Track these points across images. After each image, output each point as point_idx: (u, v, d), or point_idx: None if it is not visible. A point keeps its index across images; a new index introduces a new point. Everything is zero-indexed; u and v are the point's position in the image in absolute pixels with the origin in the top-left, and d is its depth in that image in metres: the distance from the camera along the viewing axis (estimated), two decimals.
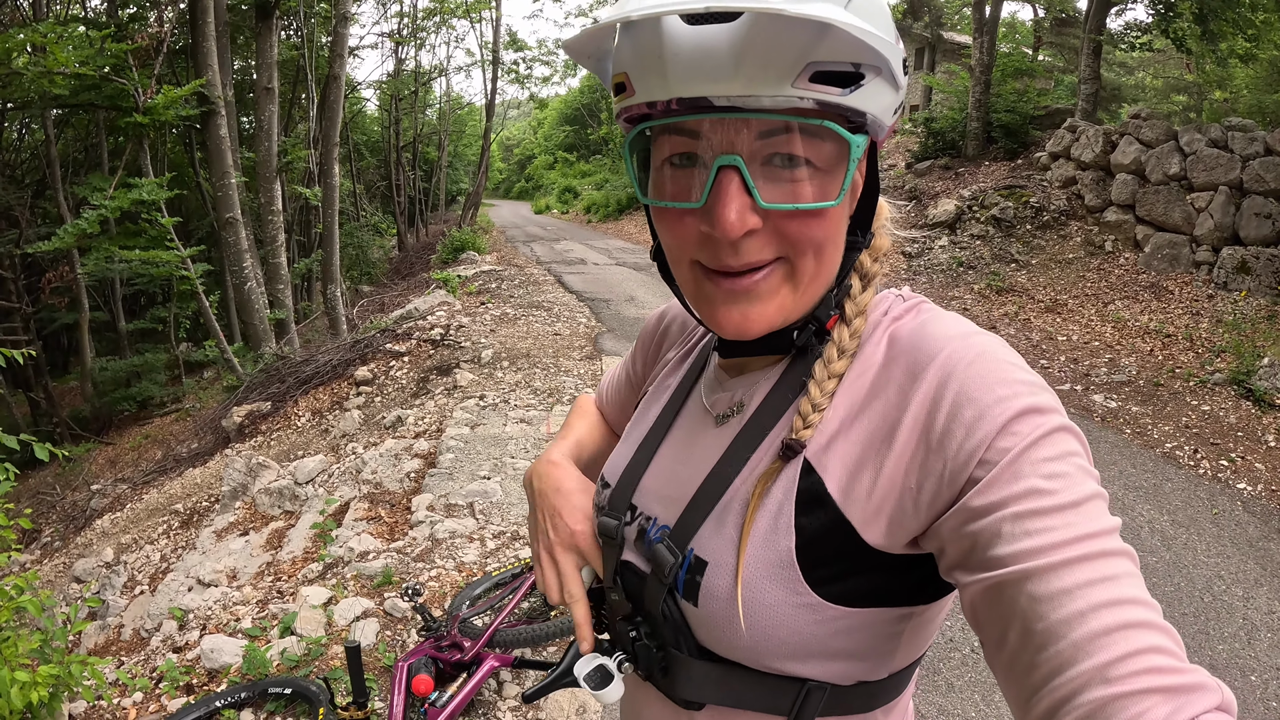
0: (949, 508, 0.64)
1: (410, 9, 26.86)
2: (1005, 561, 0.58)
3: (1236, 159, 8.92)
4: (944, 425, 0.65)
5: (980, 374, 0.65)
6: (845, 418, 0.73)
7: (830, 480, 0.71)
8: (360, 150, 27.86)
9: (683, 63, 0.63)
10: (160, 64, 11.79)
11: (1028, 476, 0.60)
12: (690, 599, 0.76)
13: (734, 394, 0.84)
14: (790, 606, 0.70)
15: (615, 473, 0.93)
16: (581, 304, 11.25)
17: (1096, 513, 0.59)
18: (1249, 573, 4.24)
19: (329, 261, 13.05)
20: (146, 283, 17.18)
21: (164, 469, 9.06)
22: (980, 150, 13.50)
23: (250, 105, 16.42)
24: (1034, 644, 0.55)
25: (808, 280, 0.72)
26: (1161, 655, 0.53)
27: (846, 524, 0.69)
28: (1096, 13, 12.57)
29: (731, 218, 0.66)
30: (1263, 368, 6.72)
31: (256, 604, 3.92)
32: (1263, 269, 8.13)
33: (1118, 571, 0.56)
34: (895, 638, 0.74)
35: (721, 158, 0.66)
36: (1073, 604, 0.54)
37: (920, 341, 0.71)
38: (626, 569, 0.86)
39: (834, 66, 0.63)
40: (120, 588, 5.37)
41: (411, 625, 3.32)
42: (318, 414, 8.07)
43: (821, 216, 0.69)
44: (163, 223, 10.28)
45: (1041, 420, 0.62)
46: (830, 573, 0.70)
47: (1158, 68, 20.80)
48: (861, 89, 0.64)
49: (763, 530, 0.72)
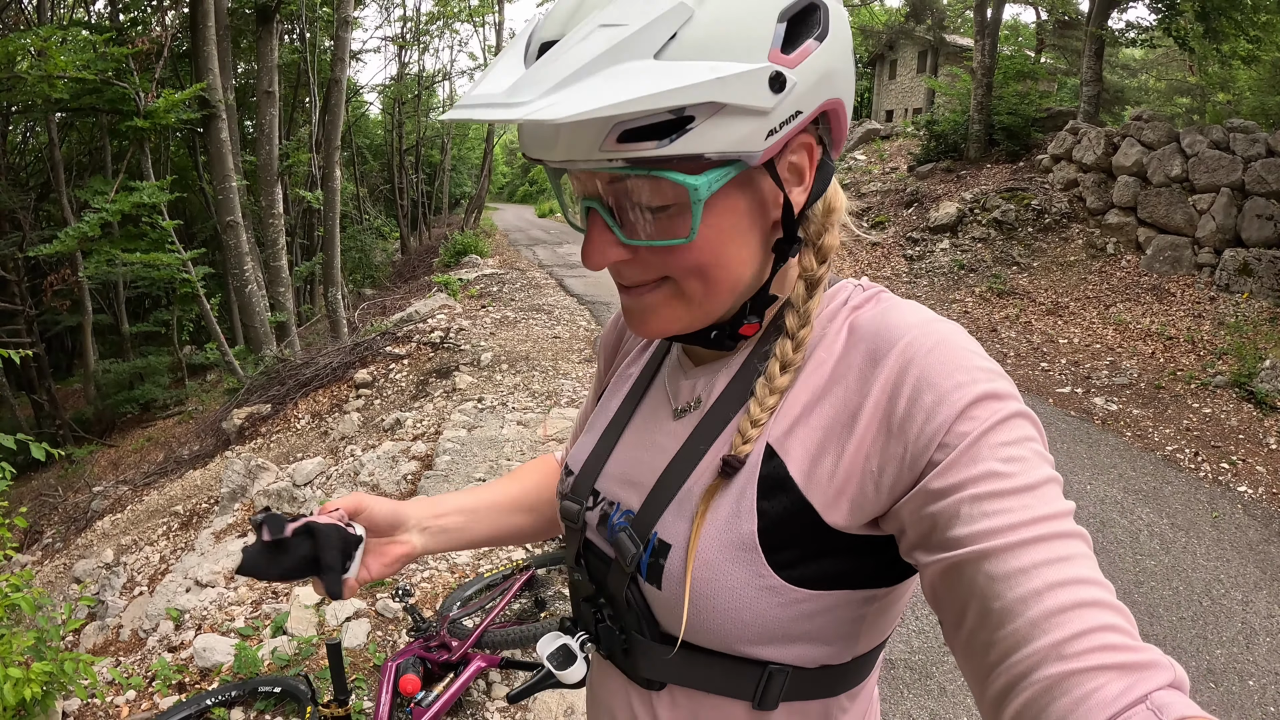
0: (909, 490, 0.65)
1: (413, 13, 27.01)
2: (963, 542, 0.59)
3: (1238, 160, 8.90)
4: (904, 410, 0.66)
5: (940, 360, 0.67)
6: (807, 403, 0.74)
7: (792, 464, 0.72)
8: (363, 154, 27.96)
9: (527, 134, 0.69)
10: (161, 68, 11.85)
11: (985, 460, 0.61)
12: (654, 582, 0.77)
13: (694, 384, 0.85)
14: (753, 589, 0.71)
15: (578, 461, 0.94)
16: (582, 307, 11.26)
17: (1052, 496, 0.60)
18: (1249, 576, 4.21)
19: (330, 265, 13.06)
20: (149, 285, 17.25)
21: (165, 471, 9.06)
22: (982, 153, 13.48)
23: (252, 109, 16.48)
24: (991, 623, 0.57)
25: (700, 298, 0.74)
26: (1115, 633, 0.54)
27: (809, 506, 0.70)
28: (1099, 12, 12.56)
29: (593, 255, 0.73)
30: (1264, 370, 6.69)
31: (251, 604, 3.91)
32: (1265, 271, 8.11)
33: (1072, 552, 0.57)
34: (859, 621, 0.75)
35: (584, 200, 0.73)
36: (1029, 583, 0.56)
37: (881, 329, 0.72)
38: (590, 550, 0.87)
39: (644, 121, 0.62)
40: (120, 589, 5.38)
41: (402, 626, 3.32)
42: (317, 416, 8.07)
43: (689, 248, 0.70)
44: (164, 225, 10.30)
45: (999, 406, 0.64)
46: (793, 555, 0.71)
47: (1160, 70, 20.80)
48: (688, 134, 0.63)
49: (724, 514, 0.73)
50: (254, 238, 12.62)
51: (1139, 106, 14.04)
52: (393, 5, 27.27)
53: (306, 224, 21.24)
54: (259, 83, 12.05)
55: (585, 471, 0.91)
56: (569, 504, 0.90)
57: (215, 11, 11.27)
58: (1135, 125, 10.27)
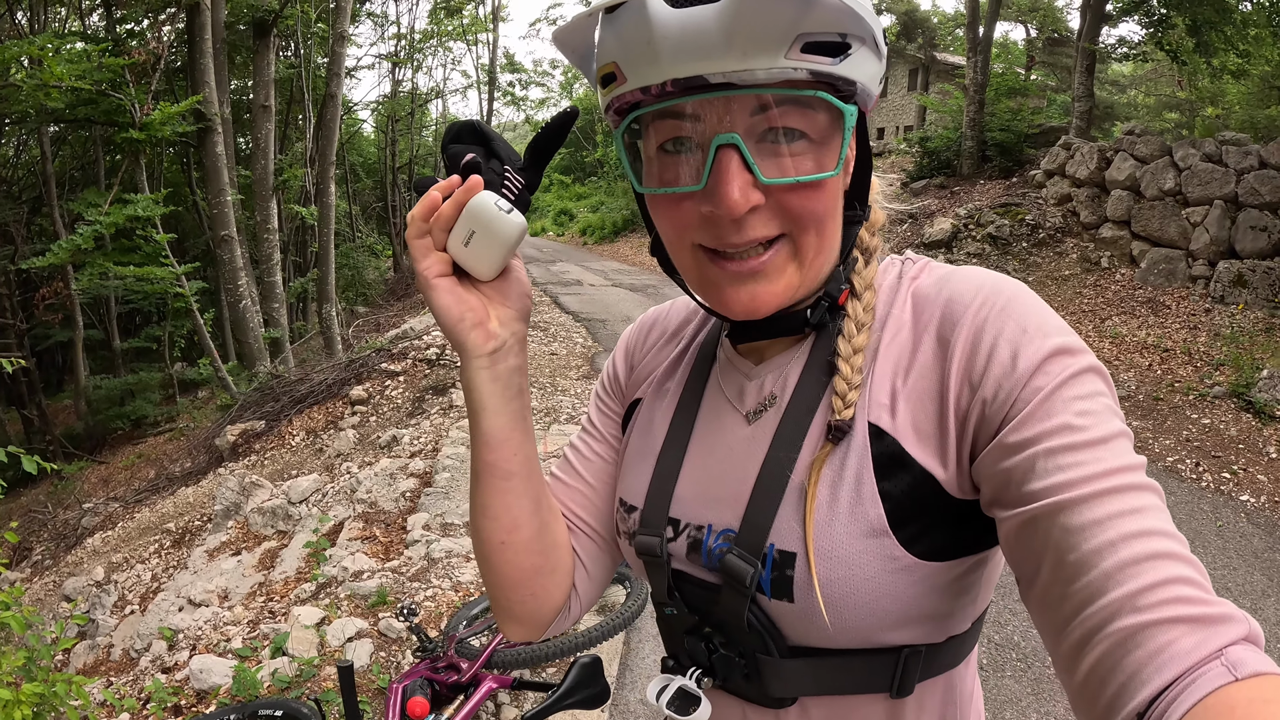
0: (988, 444, 0.66)
1: (408, 31, 27.05)
2: (1039, 495, 0.60)
3: (1231, 173, 8.94)
4: (983, 366, 0.67)
5: (1014, 317, 0.68)
6: (895, 379, 0.73)
7: (904, 439, 0.71)
8: (356, 171, 27.92)
9: (673, 43, 0.63)
10: (157, 80, 11.84)
11: (1059, 414, 0.62)
12: (783, 596, 0.73)
13: (761, 384, 0.82)
14: (890, 573, 0.70)
15: (638, 494, 0.87)
16: (578, 324, 11.26)
17: (1123, 449, 0.61)
18: (1256, 584, 4.19)
19: (324, 281, 13.00)
20: (141, 300, 17.14)
21: (157, 488, 9.00)
22: (975, 169, 13.55)
23: (247, 124, 16.43)
24: (1065, 575, 0.57)
25: (812, 255, 0.72)
26: (1189, 586, 0.53)
27: (930, 478, 0.70)
28: (1090, 28, 12.66)
29: (735, 195, 0.66)
30: (1262, 379, 6.69)
31: (248, 624, 3.85)
32: (1259, 281, 8.13)
33: (1146, 504, 0.58)
34: (976, 584, 0.76)
35: (719, 137, 0.66)
36: (1103, 534, 0.56)
37: (951, 295, 0.72)
38: (685, 581, 0.82)
39: (823, 37, 0.64)
40: (110, 607, 5.31)
41: (406, 646, 3.26)
42: (312, 433, 8.02)
43: (820, 189, 0.69)
44: (158, 239, 10.24)
45: (1072, 360, 0.65)
46: (919, 530, 0.70)
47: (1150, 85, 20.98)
48: (850, 58, 0.65)
49: (846, 504, 0.71)
50: (248, 253, 12.56)
51: (1129, 122, 14.15)
52: (387, 23, 27.31)
53: (299, 240, 21.19)
54: (255, 97, 12.03)
55: (652, 502, 0.85)
56: (645, 539, 0.83)
57: (212, 25, 11.28)
58: (1128, 140, 10.33)
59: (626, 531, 0.87)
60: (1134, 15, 12.55)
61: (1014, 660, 3.47)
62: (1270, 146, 8.87)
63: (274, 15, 11.65)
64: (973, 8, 14.16)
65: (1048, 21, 20.71)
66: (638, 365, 0.98)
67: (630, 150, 0.74)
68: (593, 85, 0.74)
